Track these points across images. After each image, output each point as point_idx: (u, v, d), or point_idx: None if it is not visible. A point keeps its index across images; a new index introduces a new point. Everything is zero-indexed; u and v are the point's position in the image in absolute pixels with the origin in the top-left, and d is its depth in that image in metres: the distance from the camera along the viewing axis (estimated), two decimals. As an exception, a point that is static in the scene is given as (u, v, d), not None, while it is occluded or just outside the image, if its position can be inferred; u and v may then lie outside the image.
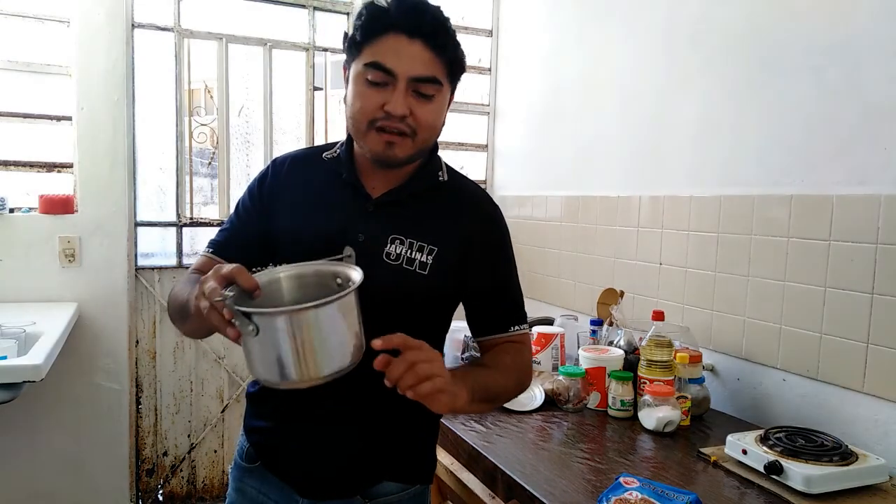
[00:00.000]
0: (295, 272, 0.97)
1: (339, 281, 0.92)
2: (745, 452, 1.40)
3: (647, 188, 2.18)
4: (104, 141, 2.45)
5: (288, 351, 0.83)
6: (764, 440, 1.42)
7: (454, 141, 3.06)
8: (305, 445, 1.09)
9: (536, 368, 1.99)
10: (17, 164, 2.41)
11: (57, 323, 2.05)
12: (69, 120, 2.44)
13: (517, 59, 2.97)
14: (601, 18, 2.43)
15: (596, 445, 1.56)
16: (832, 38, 1.61)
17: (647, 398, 1.66)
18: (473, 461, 1.54)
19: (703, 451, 1.50)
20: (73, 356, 2.41)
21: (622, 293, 2.12)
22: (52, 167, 2.46)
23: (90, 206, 2.44)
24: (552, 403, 1.81)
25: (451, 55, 1.05)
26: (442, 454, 1.67)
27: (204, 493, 2.79)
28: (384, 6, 1.01)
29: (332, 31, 2.86)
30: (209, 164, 2.73)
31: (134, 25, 2.51)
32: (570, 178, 2.57)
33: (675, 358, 1.71)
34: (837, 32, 1.60)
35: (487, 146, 3.14)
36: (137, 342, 2.61)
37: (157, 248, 2.68)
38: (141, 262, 2.62)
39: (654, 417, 1.62)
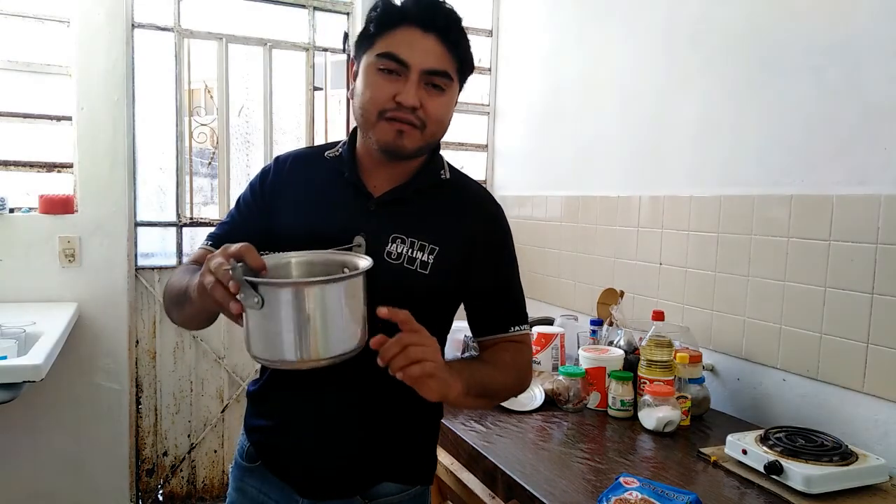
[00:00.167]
0: (304, 258, 0.97)
1: (346, 270, 0.92)
2: (745, 452, 1.40)
3: (647, 188, 2.18)
4: (104, 141, 2.45)
5: (291, 327, 0.81)
6: (764, 440, 1.42)
7: (454, 141, 3.06)
8: (306, 445, 1.09)
9: (536, 368, 1.99)
10: (17, 164, 2.41)
11: (57, 323, 2.05)
12: (69, 120, 2.44)
13: (517, 59, 2.97)
14: (601, 18, 2.43)
15: (596, 445, 1.56)
16: (832, 38, 1.61)
17: (647, 398, 1.66)
18: (473, 461, 1.54)
19: (703, 451, 1.50)
20: (73, 356, 2.41)
21: (622, 293, 2.12)
22: (52, 167, 2.46)
23: (90, 206, 2.44)
24: (552, 403, 1.81)
25: (462, 53, 1.06)
26: (442, 454, 1.67)
27: (204, 493, 2.79)
28: (400, 1, 1.03)
29: (332, 31, 2.86)
30: (209, 164, 2.73)
31: (134, 25, 2.51)
32: (570, 178, 2.57)
33: (675, 358, 1.71)
34: (837, 32, 1.60)
35: (487, 146, 3.14)
36: (137, 342, 2.61)
37: (157, 248, 2.69)
38: (141, 262, 2.62)
39: (654, 417, 1.62)
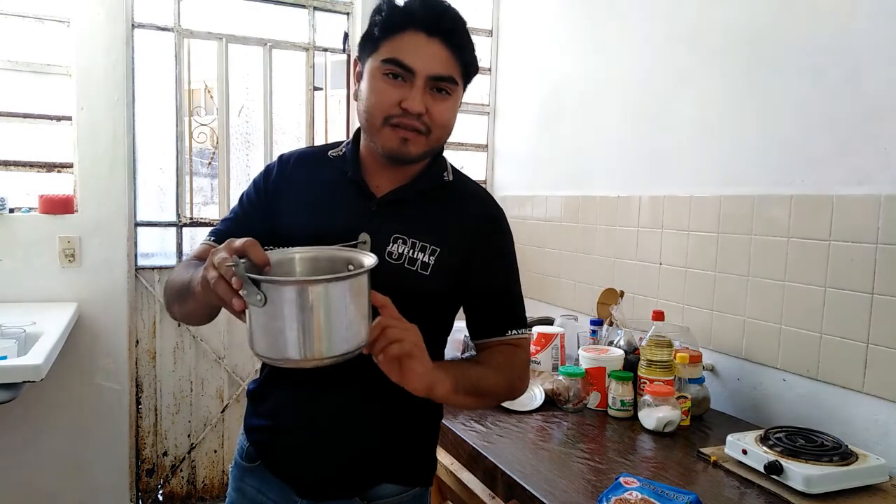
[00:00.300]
0: (308, 255, 0.96)
1: (351, 267, 0.92)
2: (745, 452, 1.40)
3: (647, 188, 2.18)
4: (104, 141, 2.45)
5: (293, 326, 0.81)
6: (764, 440, 1.42)
7: (454, 141, 3.06)
8: (305, 445, 1.09)
9: (536, 368, 1.99)
10: (17, 164, 2.41)
11: (57, 323, 2.05)
12: (69, 120, 2.44)
13: (517, 59, 2.97)
14: (601, 18, 2.42)
15: (596, 445, 1.56)
16: (832, 38, 1.61)
17: (647, 398, 1.66)
18: (473, 461, 1.54)
19: (703, 451, 1.50)
20: (73, 356, 2.41)
21: (622, 293, 2.12)
22: (52, 167, 2.46)
23: (90, 206, 2.44)
24: (552, 403, 1.81)
25: (467, 56, 1.06)
26: (442, 454, 1.67)
27: (204, 493, 2.79)
28: (405, 4, 1.02)
29: (332, 31, 2.86)
30: (209, 164, 2.73)
31: (134, 25, 2.51)
32: (570, 178, 2.57)
33: (675, 358, 1.71)
34: (837, 32, 1.60)
35: (487, 146, 3.14)
36: (137, 342, 2.61)
37: (157, 248, 2.69)
38: (141, 262, 2.62)
39: (654, 417, 1.62)
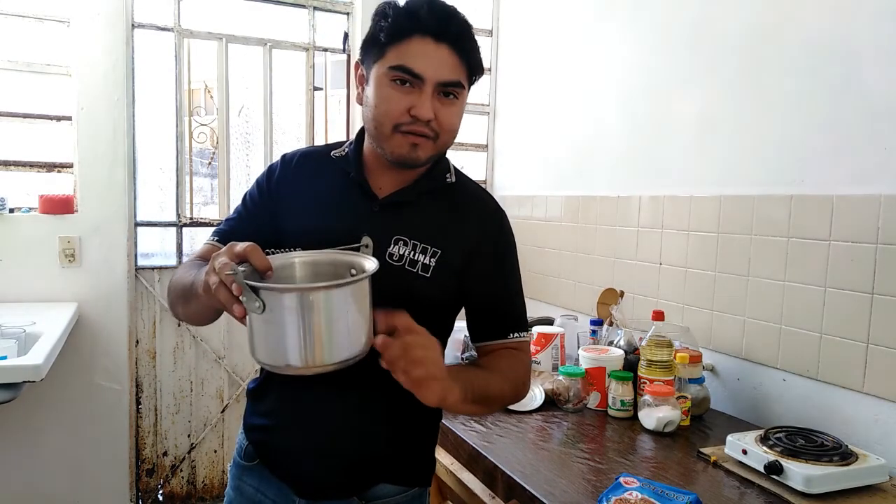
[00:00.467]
0: (310, 258, 0.96)
1: (353, 271, 0.91)
2: (745, 452, 1.40)
3: (647, 188, 2.18)
4: (104, 141, 2.45)
5: (294, 333, 0.80)
6: (764, 440, 1.42)
7: (454, 142, 3.06)
8: (304, 445, 1.09)
9: (536, 368, 1.99)
10: (17, 164, 2.41)
11: (57, 323, 2.05)
12: (69, 120, 2.44)
13: (517, 59, 2.97)
14: (601, 18, 2.43)
15: (596, 445, 1.56)
16: (832, 38, 1.61)
17: (647, 398, 1.66)
18: (473, 461, 1.54)
19: (703, 451, 1.50)
20: (72, 356, 2.41)
21: (622, 293, 2.12)
22: (52, 167, 2.46)
23: (90, 206, 2.44)
24: (552, 403, 1.81)
25: (474, 60, 1.05)
26: (442, 454, 1.67)
27: (204, 493, 2.79)
28: (411, 9, 1.01)
29: (332, 31, 2.86)
30: (209, 164, 2.73)
31: (134, 25, 2.51)
32: (570, 178, 2.57)
33: (675, 358, 1.71)
34: (837, 32, 1.60)
35: (487, 146, 3.14)
36: (137, 342, 2.61)
37: (157, 248, 2.68)
38: (141, 262, 2.62)
39: (654, 417, 1.62)
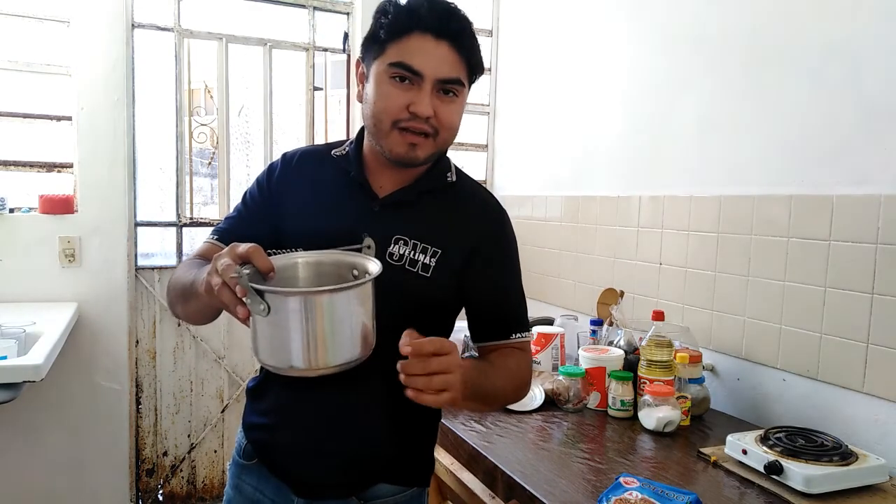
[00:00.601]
0: (313, 259, 0.96)
1: (355, 272, 0.91)
2: (745, 452, 1.40)
3: (647, 188, 2.17)
4: (104, 141, 2.44)
5: (298, 335, 0.80)
6: (764, 440, 1.42)
7: (454, 140, 3.06)
8: (303, 444, 1.09)
9: (536, 368, 1.99)
10: (17, 163, 2.41)
11: (57, 323, 2.05)
12: (69, 120, 2.44)
13: (517, 59, 2.97)
14: (601, 18, 2.42)
15: (596, 445, 1.56)
16: (832, 38, 1.61)
17: (647, 398, 1.66)
18: (473, 461, 1.54)
19: (703, 451, 1.50)
20: (72, 356, 2.41)
21: (622, 293, 2.12)
22: (52, 167, 2.45)
23: (90, 206, 2.44)
24: (552, 403, 1.81)
25: (474, 58, 1.05)
26: (442, 454, 1.67)
27: (204, 493, 2.79)
28: (411, 6, 1.01)
29: (332, 31, 2.86)
30: (209, 164, 2.73)
31: (134, 25, 2.51)
32: (570, 178, 2.57)
33: (675, 358, 1.71)
34: (837, 32, 1.60)
35: (487, 146, 3.14)
36: (137, 342, 2.61)
37: (157, 248, 2.68)
38: (141, 262, 2.62)
39: (654, 417, 1.62)
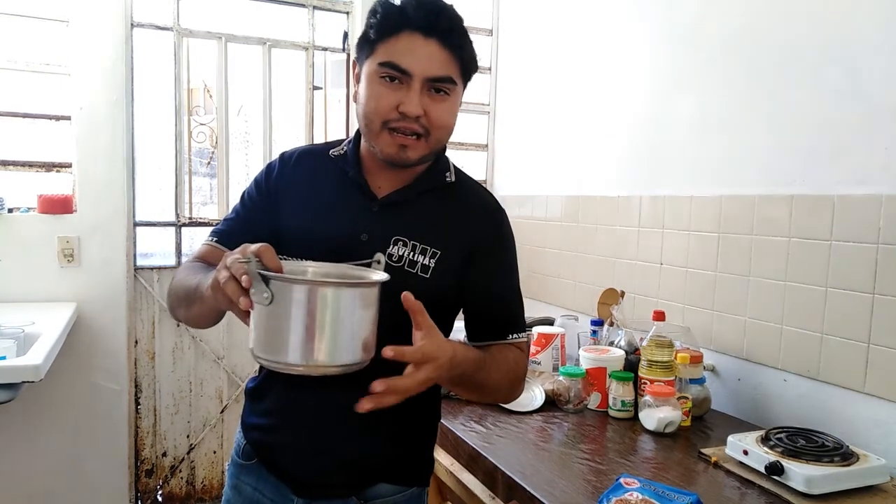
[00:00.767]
0: (322, 270, 0.96)
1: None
2: (745, 453, 1.40)
3: (647, 188, 2.17)
4: (103, 140, 2.44)
5: (298, 328, 0.79)
6: (765, 441, 1.42)
7: (454, 140, 3.04)
8: (302, 444, 1.08)
9: (536, 368, 1.99)
10: (16, 163, 2.40)
11: (56, 323, 2.05)
12: (68, 119, 2.44)
13: (517, 59, 2.97)
14: (601, 18, 2.42)
15: (596, 446, 1.56)
16: (832, 38, 1.61)
17: (647, 399, 1.65)
18: (473, 462, 1.53)
19: (703, 451, 1.50)
20: (72, 356, 2.40)
21: (623, 293, 2.12)
22: (51, 167, 2.45)
23: (89, 205, 2.44)
24: (552, 404, 1.81)
25: (466, 55, 1.04)
26: (442, 455, 1.66)
27: (203, 493, 2.79)
28: (400, 4, 1.00)
29: (331, 30, 2.85)
30: (208, 163, 2.73)
31: (133, 25, 2.51)
32: (570, 178, 2.57)
33: (675, 358, 1.71)
34: (837, 32, 1.60)
35: (487, 146, 3.13)
36: (136, 342, 2.61)
37: (156, 248, 2.68)
38: (140, 262, 2.61)
39: (654, 418, 1.62)
